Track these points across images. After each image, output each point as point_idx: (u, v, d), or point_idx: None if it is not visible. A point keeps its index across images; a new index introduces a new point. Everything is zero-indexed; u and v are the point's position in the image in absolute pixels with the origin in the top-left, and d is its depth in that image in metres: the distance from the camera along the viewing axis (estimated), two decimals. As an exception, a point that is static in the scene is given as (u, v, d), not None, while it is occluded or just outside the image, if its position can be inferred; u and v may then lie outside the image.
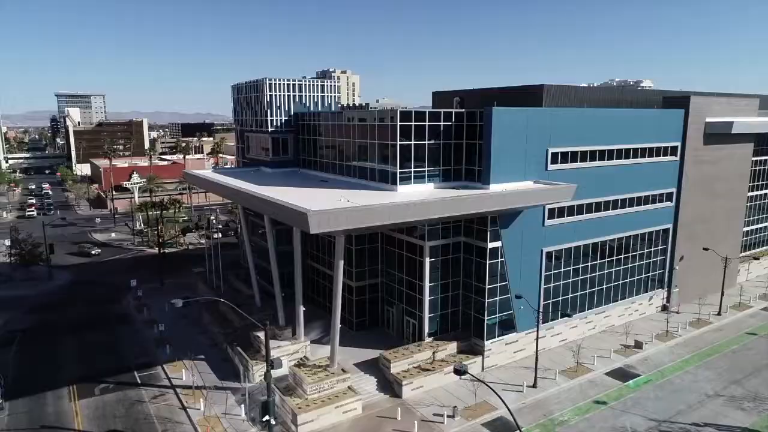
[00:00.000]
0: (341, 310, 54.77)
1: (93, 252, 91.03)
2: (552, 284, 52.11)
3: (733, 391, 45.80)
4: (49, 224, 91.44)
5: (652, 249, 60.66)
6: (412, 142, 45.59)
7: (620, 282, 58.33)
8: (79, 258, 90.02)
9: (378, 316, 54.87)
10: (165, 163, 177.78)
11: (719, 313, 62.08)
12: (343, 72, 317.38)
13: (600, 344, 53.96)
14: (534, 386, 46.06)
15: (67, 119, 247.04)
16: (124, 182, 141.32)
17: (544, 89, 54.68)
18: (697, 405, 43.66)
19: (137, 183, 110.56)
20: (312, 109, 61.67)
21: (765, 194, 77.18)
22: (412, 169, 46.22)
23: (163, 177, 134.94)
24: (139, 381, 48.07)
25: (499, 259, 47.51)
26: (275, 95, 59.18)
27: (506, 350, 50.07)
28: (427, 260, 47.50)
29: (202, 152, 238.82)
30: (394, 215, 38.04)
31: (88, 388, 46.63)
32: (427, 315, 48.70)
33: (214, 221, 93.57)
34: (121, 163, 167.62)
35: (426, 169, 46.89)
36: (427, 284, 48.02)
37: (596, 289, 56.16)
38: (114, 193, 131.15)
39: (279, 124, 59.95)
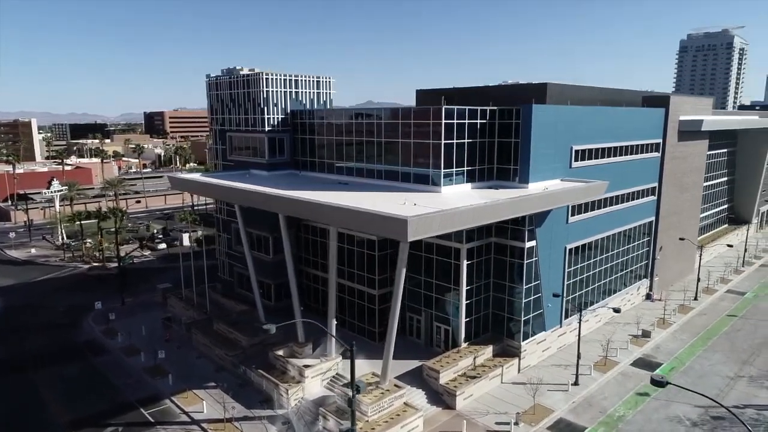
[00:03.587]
0: (360, 321, 51.90)
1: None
2: (572, 280, 52.66)
3: (748, 371, 48.90)
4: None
5: (640, 241, 63.56)
6: (454, 141, 43.70)
7: (619, 274, 60.49)
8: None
9: (400, 324, 52.07)
10: (68, 167, 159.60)
11: (695, 298, 66.49)
12: (251, 70, 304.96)
13: (609, 336, 55.23)
14: (576, 383, 46.09)
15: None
16: (31, 190, 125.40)
17: (547, 88, 54.77)
18: (727, 388, 46.01)
19: (58, 191, 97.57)
20: (308, 106, 57.47)
21: (713, 184, 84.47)
22: (454, 169, 44.33)
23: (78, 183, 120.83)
24: (151, 419, 41.74)
25: (534, 258, 46.99)
26: (272, 91, 54.36)
27: (537, 350, 49.79)
28: (465, 263, 45.78)
29: (95, 155, 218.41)
30: (480, 217, 36.03)
31: (93, 434, 39.69)
32: (463, 320, 47.00)
33: (171, 230, 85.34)
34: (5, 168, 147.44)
35: (465, 168, 45.21)
36: (464, 288, 46.30)
37: (603, 282, 57.73)
38: (17, 202, 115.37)
39: (276, 123, 55.15)
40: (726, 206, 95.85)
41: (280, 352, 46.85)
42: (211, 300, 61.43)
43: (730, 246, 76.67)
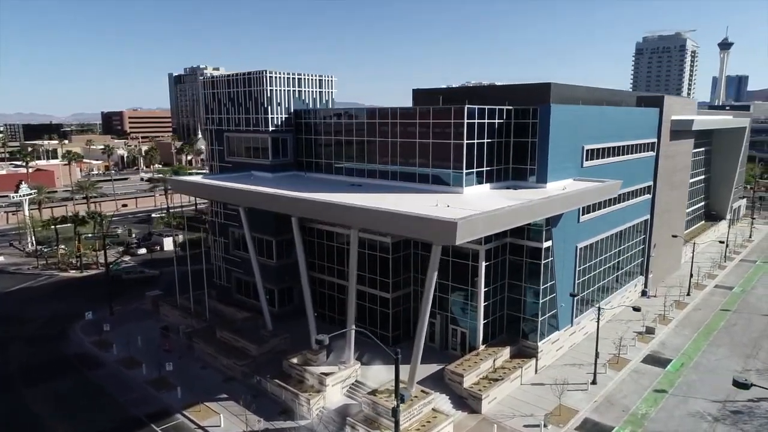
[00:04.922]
0: (372, 326, 50.67)
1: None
2: (581, 279, 52.87)
3: (754, 365, 50.10)
4: None
5: (637, 239, 64.55)
6: (475, 141, 43.09)
7: (620, 272, 61.22)
8: None
9: (411, 328, 51.21)
10: (31, 170, 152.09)
11: (688, 294, 68.03)
12: (216, 69, 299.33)
13: (614, 333, 55.74)
14: (594, 382, 46.18)
15: None
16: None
17: (551, 88, 54.94)
18: (738, 382, 46.85)
19: (27, 195, 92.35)
20: (311, 106, 55.84)
21: (692, 182, 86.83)
22: (474, 170, 43.72)
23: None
24: (166, 436, 39.53)
25: (550, 258, 46.86)
26: (276, 90, 52.50)
27: (551, 350, 49.72)
28: (483, 264, 45.23)
29: (52, 157, 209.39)
30: (520, 217, 35.51)
31: (103, 454, 37.26)
32: (481, 322, 46.45)
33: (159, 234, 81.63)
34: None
35: (484, 169, 44.67)
36: (482, 289, 45.74)
37: (606, 280, 58.26)
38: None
39: (279, 123, 53.33)
40: (703, 203, 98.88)
41: (295, 360, 45.28)
42: (209, 307, 59.03)
43: (722, 242, 79.07)
